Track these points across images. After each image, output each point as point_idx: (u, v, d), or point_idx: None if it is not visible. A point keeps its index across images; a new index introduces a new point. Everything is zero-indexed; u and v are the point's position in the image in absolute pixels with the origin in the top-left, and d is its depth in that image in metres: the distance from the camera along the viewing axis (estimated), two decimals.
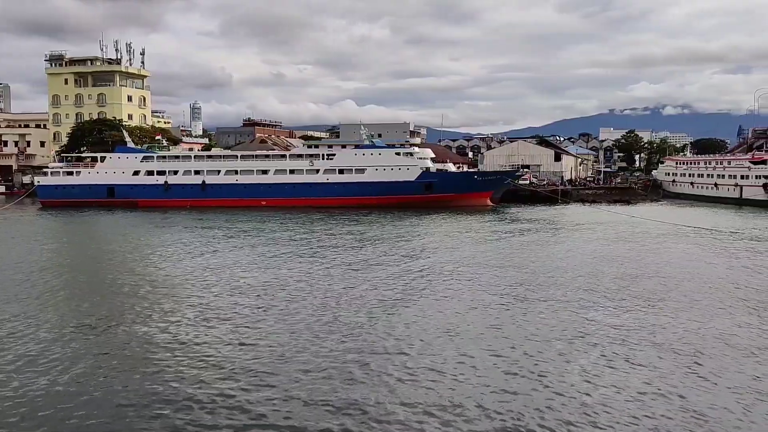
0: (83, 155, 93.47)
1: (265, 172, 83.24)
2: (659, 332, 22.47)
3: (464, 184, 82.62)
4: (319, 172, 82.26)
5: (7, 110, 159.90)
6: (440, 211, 72.06)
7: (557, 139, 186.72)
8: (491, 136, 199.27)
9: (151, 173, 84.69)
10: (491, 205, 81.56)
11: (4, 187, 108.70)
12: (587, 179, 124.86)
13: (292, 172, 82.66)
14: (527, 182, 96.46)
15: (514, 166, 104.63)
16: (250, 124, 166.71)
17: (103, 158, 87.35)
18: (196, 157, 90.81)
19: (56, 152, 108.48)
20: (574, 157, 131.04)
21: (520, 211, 75.04)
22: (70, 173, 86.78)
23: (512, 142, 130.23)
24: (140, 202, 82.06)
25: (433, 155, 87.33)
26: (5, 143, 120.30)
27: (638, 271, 34.28)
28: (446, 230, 55.09)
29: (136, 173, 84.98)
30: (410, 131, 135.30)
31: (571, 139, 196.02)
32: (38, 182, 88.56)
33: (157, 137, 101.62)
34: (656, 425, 15.20)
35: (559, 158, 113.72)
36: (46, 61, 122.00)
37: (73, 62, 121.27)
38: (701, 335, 22.21)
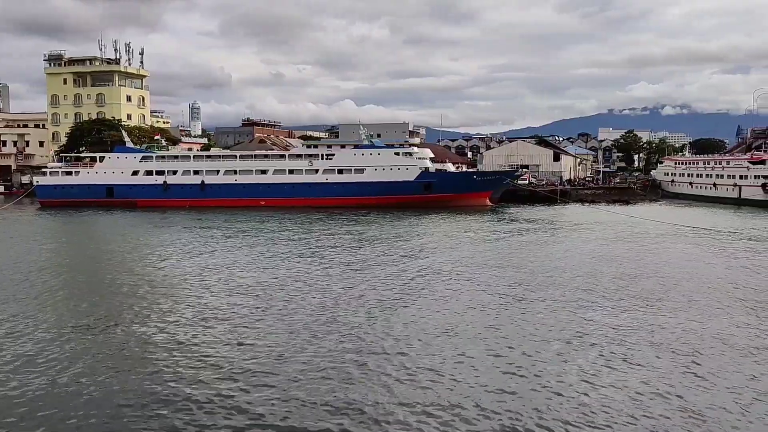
0: (82, 155, 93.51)
1: (264, 172, 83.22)
2: (657, 332, 22.50)
3: (463, 184, 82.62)
4: (318, 172, 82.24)
5: (6, 110, 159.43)
6: (439, 211, 72.08)
7: (556, 139, 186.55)
8: (490, 136, 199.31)
9: (150, 173, 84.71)
10: (490, 205, 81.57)
11: (3, 187, 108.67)
12: (586, 179, 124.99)
13: (291, 172, 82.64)
14: (526, 182, 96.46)
15: (513, 166, 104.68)
16: (249, 124, 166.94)
17: (102, 158, 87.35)
18: (195, 157, 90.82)
19: (55, 152, 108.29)
20: (573, 157, 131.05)
21: (519, 211, 75.07)
22: (69, 173, 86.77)
23: (511, 142, 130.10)
24: (139, 202, 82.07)
25: (432, 155, 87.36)
26: (4, 143, 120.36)
27: (637, 271, 34.30)
28: (445, 230, 55.10)
29: (135, 173, 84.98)
30: (409, 131, 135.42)
31: (570, 139, 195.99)
32: (37, 182, 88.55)
33: (156, 137, 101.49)
34: (654, 425, 15.22)
35: (558, 158, 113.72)
36: (45, 60, 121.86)
37: (72, 62, 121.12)
38: (699, 335, 22.23)
